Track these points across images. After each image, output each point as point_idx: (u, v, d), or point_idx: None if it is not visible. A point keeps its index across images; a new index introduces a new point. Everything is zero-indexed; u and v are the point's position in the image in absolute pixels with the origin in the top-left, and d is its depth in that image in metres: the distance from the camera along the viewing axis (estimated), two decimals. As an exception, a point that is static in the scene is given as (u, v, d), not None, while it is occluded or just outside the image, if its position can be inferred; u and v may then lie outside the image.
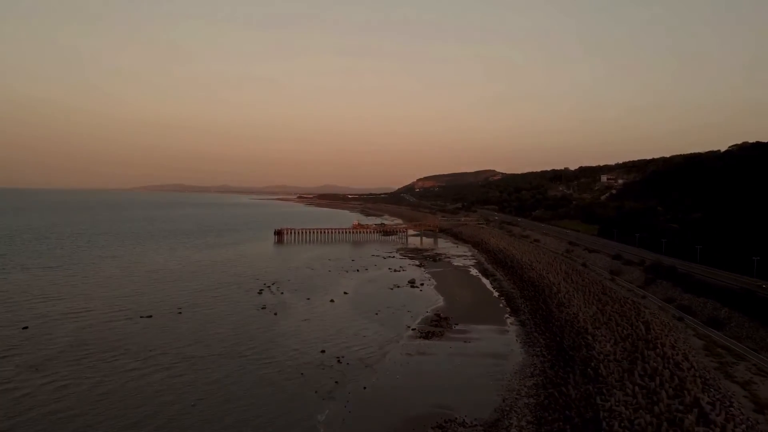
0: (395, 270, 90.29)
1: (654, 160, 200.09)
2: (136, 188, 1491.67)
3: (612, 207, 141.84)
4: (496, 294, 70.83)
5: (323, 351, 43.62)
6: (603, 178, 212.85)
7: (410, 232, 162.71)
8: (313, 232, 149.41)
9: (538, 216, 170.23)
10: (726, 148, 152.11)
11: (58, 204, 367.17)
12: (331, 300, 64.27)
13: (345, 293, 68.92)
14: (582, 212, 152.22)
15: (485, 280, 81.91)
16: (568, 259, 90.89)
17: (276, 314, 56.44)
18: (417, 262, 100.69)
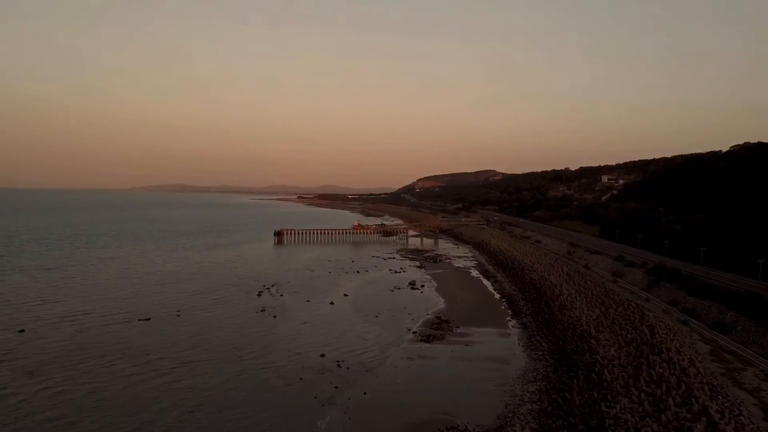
0: (395, 271, 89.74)
1: (655, 161, 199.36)
2: (136, 188, 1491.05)
3: (613, 208, 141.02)
4: (498, 296, 70.28)
5: (323, 355, 43.10)
6: (604, 179, 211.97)
7: (410, 233, 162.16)
8: (313, 233, 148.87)
9: (539, 217, 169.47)
10: (727, 149, 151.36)
11: (58, 204, 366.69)
12: (331, 302, 63.73)
13: (345, 295, 68.39)
14: (583, 213, 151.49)
15: (486, 282, 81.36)
16: (570, 261, 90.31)
17: (275, 317, 55.91)
18: (417, 264, 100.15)
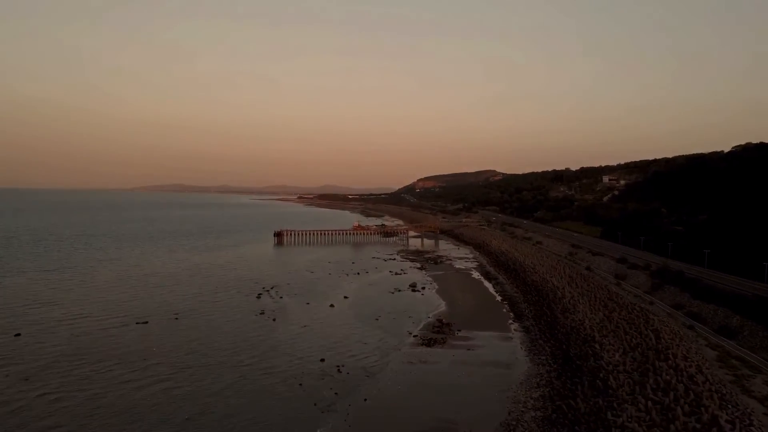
0: (396, 273, 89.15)
1: (656, 161, 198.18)
2: (136, 188, 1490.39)
3: (615, 208, 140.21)
4: (499, 298, 69.66)
5: (323, 360, 42.51)
6: (605, 179, 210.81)
7: (411, 234, 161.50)
8: (313, 234, 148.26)
9: (540, 217, 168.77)
10: (729, 149, 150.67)
11: (58, 204, 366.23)
12: (331, 305, 63.13)
13: (345, 297, 67.82)
14: (584, 213, 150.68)
15: (487, 284, 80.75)
16: (572, 263, 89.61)
17: (275, 320, 55.32)
18: (418, 265, 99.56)
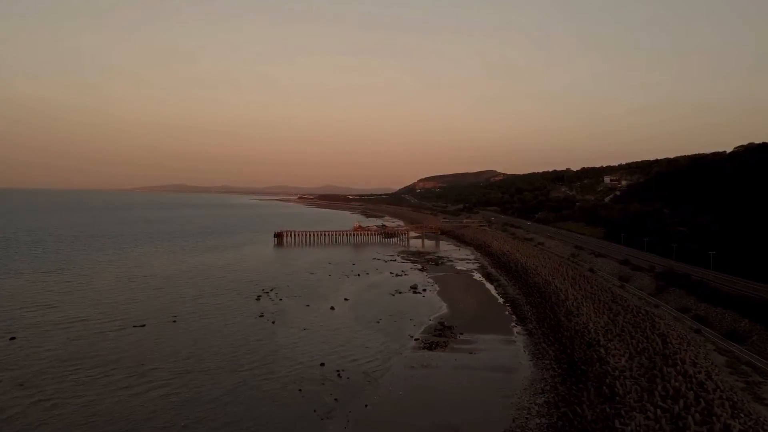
0: (397, 274, 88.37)
1: (658, 161, 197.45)
2: (137, 188, 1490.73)
3: (617, 209, 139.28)
4: (501, 300, 68.88)
5: (323, 364, 41.73)
6: (606, 179, 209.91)
7: (412, 235, 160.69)
8: (314, 235, 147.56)
9: (542, 218, 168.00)
10: (732, 149, 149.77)
11: (58, 205, 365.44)
12: (332, 307, 62.37)
13: (345, 299, 67.06)
14: (586, 214, 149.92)
15: (489, 286, 79.95)
16: (575, 264, 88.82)
17: (274, 323, 54.55)
18: (419, 266, 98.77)
